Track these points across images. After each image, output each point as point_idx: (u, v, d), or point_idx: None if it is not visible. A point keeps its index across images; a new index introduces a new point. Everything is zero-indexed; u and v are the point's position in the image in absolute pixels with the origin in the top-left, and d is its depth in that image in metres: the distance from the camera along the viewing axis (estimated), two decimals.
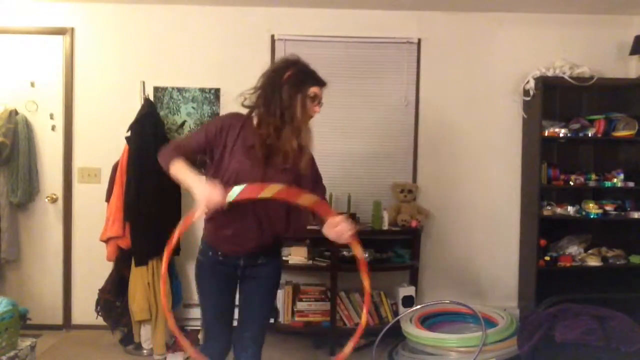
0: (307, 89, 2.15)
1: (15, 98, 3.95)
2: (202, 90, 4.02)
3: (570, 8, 3.91)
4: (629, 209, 3.90)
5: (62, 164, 4.02)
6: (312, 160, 2.26)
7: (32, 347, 2.81)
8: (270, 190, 1.98)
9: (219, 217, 2.15)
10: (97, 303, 3.68)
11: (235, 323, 2.36)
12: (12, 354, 2.64)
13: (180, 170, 2.12)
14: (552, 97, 3.94)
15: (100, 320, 3.72)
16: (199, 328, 3.92)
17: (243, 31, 4.01)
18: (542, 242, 3.83)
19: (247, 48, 4.00)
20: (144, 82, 3.85)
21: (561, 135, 3.82)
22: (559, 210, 3.86)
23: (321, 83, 2.21)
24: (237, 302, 2.35)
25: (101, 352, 3.69)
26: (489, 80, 4.05)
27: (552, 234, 3.96)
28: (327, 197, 2.40)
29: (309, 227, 3.81)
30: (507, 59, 4.03)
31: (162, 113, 3.95)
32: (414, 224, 3.80)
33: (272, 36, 4.01)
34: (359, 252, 2.10)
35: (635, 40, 3.83)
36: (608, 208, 3.84)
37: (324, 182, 2.38)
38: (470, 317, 3.56)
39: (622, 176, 3.84)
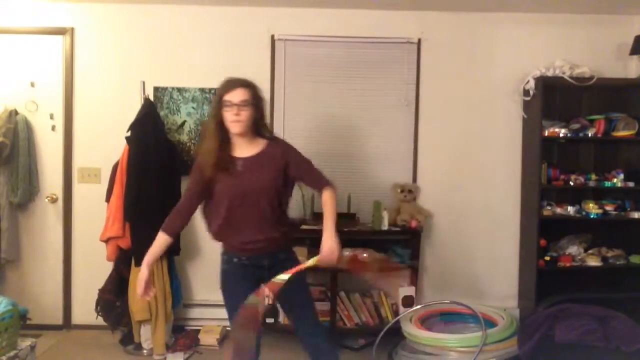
0: (220, 100, 2.34)
1: (15, 98, 3.95)
2: (202, 90, 4.01)
3: (570, 8, 3.91)
4: (629, 209, 3.90)
5: (62, 164, 4.02)
6: (287, 151, 2.44)
7: (32, 347, 2.81)
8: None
9: (224, 230, 2.39)
10: (97, 303, 3.68)
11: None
12: (12, 354, 2.64)
13: None
14: (552, 97, 3.94)
15: (100, 320, 3.72)
16: (199, 328, 3.93)
17: (243, 31, 4.01)
18: (542, 242, 3.83)
19: (247, 48, 4.00)
20: (144, 82, 3.85)
21: (561, 135, 3.82)
22: (559, 210, 3.86)
23: (230, 88, 2.34)
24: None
25: (101, 352, 3.69)
26: (489, 80, 4.05)
27: (552, 234, 3.96)
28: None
29: (308, 228, 3.84)
30: (507, 59, 4.03)
31: (162, 113, 3.95)
32: (413, 224, 3.79)
33: (272, 36, 4.01)
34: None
35: (635, 40, 3.83)
36: (608, 208, 3.84)
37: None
38: (470, 317, 3.56)
39: (622, 176, 3.84)
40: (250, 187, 2.34)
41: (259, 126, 2.41)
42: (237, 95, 2.31)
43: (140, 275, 2.38)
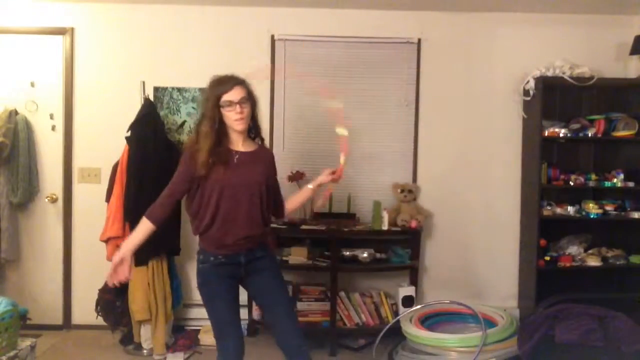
0: (218, 100, 2.34)
1: (15, 98, 3.95)
2: (202, 90, 4.00)
3: (570, 8, 3.91)
4: (629, 209, 3.90)
5: (62, 164, 4.02)
6: (272, 162, 2.55)
7: (32, 347, 2.81)
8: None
9: (210, 224, 2.38)
10: (97, 303, 3.68)
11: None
12: (12, 354, 2.64)
13: None
14: (552, 97, 3.94)
15: (100, 320, 3.72)
16: (199, 328, 3.92)
17: (243, 31, 4.01)
18: (542, 242, 3.83)
19: (247, 48, 4.00)
20: (144, 82, 3.85)
21: (561, 135, 3.81)
22: (559, 210, 3.86)
23: (227, 87, 2.34)
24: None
25: (101, 352, 3.69)
26: (489, 80, 4.05)
27: (552, 234, 3.96)
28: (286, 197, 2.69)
29: (307, 228, 3.85)
30: (507, 59, 4.03)
31: (162, 113, 3.95)
32: (413, 224, 3.79)
33: (272, 36, 4.01)
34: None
35: (635, 40, 3.83)
36: (608, 208, 3.84)
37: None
38: (470, 317, 3.56)
39: (622, 176, 3.84)
40: (245, 179, 2.35)
41: (252, 123, 2.45)
42: (236, 94, 2.32)
43: (114, 258, 2.34)
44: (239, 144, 2.42)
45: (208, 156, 2.29)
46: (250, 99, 2.38)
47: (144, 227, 2.39)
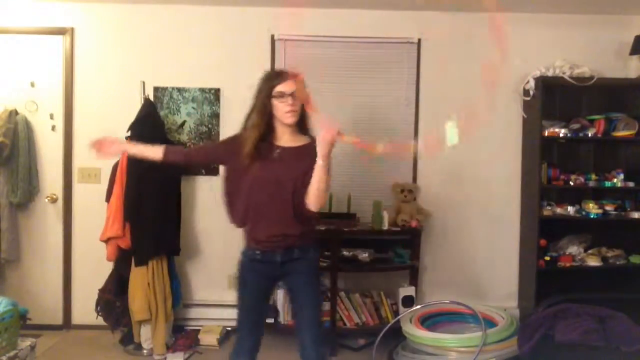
0: (271, 91, 2.33)
1: (15, 98, 3.95)
2: (202, 90, 4.02)
3: (570, 8, 3.91)
4: (629, 209, 3.90)
5: (62, 164, 4.02)
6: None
7: (32, 347, 2.81)
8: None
9: (246, 216, 2.40)
10: (97, 303, 3.68)
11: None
12: (12, 354, 2.64)
13: None
14: (552, 97, 3.94)
15: (100, 320, 3.72)
16: (199, 328, 3.93)
17: (243, 31, 4.01)
18: (542, 242, 3.83)
19: (247, 48, 4.00)
20: (144, 82, 3.85)
21: (561, 135, 3.82)
22: (559, 210, 3.86)
23: (281, 79, 2.33)
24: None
25: (101, 352, 3.69)
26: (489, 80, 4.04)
27: (552, 234, 3.96)
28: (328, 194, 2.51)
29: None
30: (507, 59, 4.02)
31: (162, 113, 3.95)
32: (414, 224, 3.79)
33: (272, 36, 4.01)
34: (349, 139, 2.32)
35: (635, 40, 3.83)
36: (608, 208, 3.84)
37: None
38: (470, 317, 3.56)
39: (622, 176, 3.84)
40: (279, 175, 2.33)
41: (303, 118, 2.42)
42: (290, 86, 2.31)
43: (111, 137, 2.55)
44: (284, 139, 2.40)
45: (253, 147, 2.31)
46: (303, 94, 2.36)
47: (153, 151, 2.52)
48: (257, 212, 2.37)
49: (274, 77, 2.37)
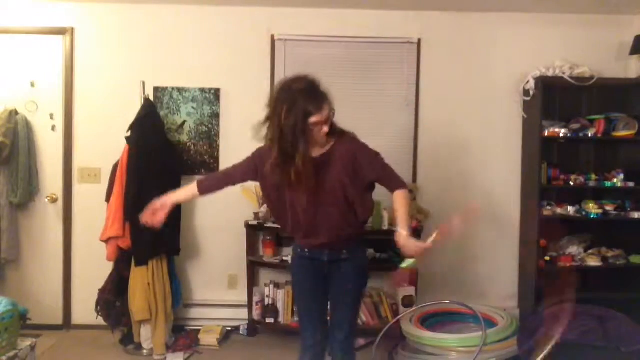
0: (304, 118, 2.15)
1: (15, 98, 3.95)
2: (202, 90, 4.02)
3: (570, 8, 3.91)
4: (629, 209, 3.90)
5: (62, 164, 4.02)
6: (357, 152, 2.32)
7: (32, 347, 2.80)
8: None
9: (296, 230, 2.40)
10: (97, 303, 3.68)
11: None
12: (12, 354, 2.64)
13: None
14: (552, 97, 3.94)
15: (100, 320, 3.72)
16: (199, 328, 3.93)
17: (243, 31, 4.01)
18: (542, 242, 3.83)
19: (247, 48, 4.00)
20: (144, 82, 3.85)
21: (561, 135, 3.81)
22: (559, 210, 3.86)
23: (317, 105, 2.19)
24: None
25: (101, 352, 3.69)
26: (489, 80, 4.05)
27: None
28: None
29: None
30: (507, 59, 4.03)
31: (162, 113, 3.95)
32: (413, 224, 3.79)
33: (272, 36, 4.01)
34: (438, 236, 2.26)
35: (635, 40, 3.83)
36: (608, 208, 3.84)
37: None
38: (470, 317, 3.56)
39: (622, 176, 3.84)
40: (319, 189, 2.25)
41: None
42: (325, 113, 2.21)
43: (155, 202, 2.36)
44: (314, 150, 2.27)
45: (279, 170, 2.21)
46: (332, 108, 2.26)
47: (190, 191, 2.45)
48: (306, 229, 2.35)
49: (307, 99, 2.17)
